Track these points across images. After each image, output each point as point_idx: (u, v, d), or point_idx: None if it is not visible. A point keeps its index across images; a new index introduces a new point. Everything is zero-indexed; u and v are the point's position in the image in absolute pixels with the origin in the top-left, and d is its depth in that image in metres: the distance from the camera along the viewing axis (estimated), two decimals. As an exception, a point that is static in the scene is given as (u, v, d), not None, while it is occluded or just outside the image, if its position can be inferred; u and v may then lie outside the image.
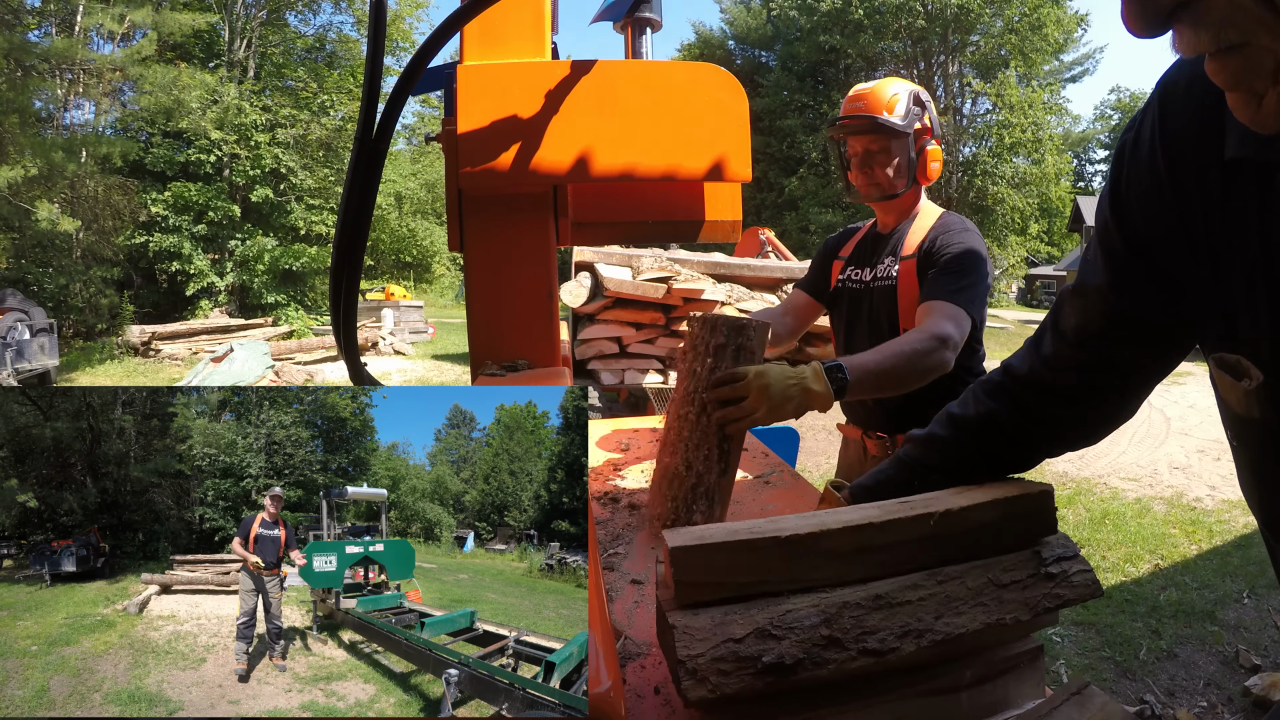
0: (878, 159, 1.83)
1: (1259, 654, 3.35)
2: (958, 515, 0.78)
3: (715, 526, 0.76)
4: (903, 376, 1.48)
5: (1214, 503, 5.84)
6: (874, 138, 1.81)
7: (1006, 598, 0.75)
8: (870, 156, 1.84)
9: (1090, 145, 44.10)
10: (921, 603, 0.72)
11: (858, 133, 1.83)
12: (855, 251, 1.98)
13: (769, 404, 1.26)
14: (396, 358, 15.42)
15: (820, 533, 0.73)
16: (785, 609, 0.69)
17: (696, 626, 0.67)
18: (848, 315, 1.94)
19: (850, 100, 1.86)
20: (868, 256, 1.93)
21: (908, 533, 0.76)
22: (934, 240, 1.74)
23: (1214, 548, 4.80)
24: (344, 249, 1.04)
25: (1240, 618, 3.74)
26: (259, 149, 19.25)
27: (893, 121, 1.78)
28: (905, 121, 1.79)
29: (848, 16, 27.78)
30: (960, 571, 0.76)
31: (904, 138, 1.81)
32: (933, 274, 1.68)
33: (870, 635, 0.68)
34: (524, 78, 1.07)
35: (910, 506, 0.79)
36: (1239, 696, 3.00)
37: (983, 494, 0.82)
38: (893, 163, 1.82)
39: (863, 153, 1.85)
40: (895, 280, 1.80)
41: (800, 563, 0.73)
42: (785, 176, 30.05)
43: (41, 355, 11.39)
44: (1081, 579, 0.79)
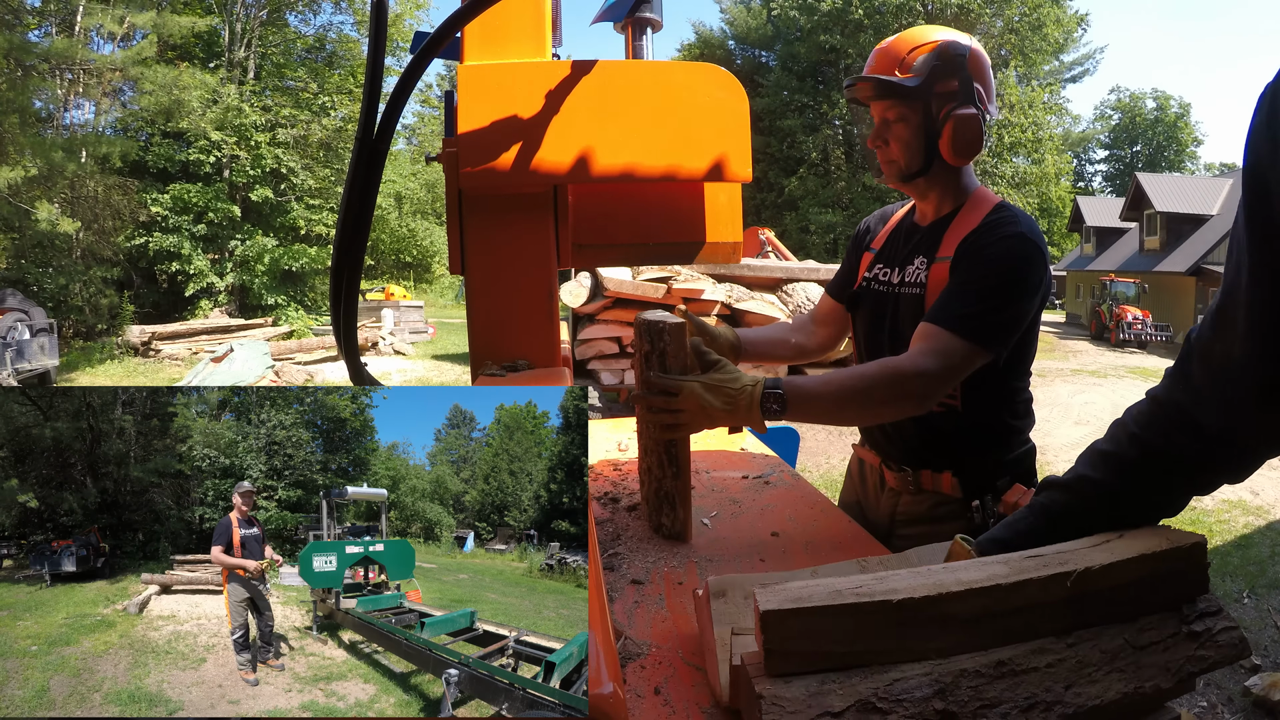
0: (893, 129, 1.46)
1: (1259, 654, 3.35)
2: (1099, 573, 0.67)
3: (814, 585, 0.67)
4: (857, 411, 1.33)
5: (1214, 503, 5.84)
6: (889, 103, 1.44)
7: (1145, 661, 0.66)
8: (885, 126, 1.47)
9: (1090, 145, 44.13)
10: (1050, 669, 0.63)
11: (867, 97, 1.47)
12: (886, 244, 1.64)
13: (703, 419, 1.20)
14: (396, 358, 15.41)
15: (939, 596, 0.64)
16: (892, 678, 0.61)
17: (789, 698, 0.59)
18: (869, 321, 1.61)
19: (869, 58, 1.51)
20: (898, 253, 1.58)
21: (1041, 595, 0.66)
22: (975, 241, 1.39)
23: (1214, 548, 4.80)
24: (344, 249, 1.04)
25: (1240, 618, 3.74)
26: (259, 149, 19.25)
27: (901, 82, 1.39)
28: (919, 81, 1.39)
29: (848, 16, 27.79)
30: (1093, 634, 0.66)
31: (918, 103, 1.41)
32: (950, 287, 1.37)
33: (991, 709, 0.59)
34: (524, 78, 1.06)
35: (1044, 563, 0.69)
36: (1239, 696, 3.00)
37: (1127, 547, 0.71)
38: (911, 135, 1.44)
39: (878, 122, 1.48)
40: (924, 288, 1.45)
41: (914, 630, 0.63)
42: (785, 176, 30.05)
43: (41, 355, 11.38)
44: (1227, 638, 0.69)
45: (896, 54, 1.44)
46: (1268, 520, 5.40)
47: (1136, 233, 24.38)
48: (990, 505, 1.43)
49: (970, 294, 1.32)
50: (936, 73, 1.39)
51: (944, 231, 1.47)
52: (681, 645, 0.98)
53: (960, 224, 1.45)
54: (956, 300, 1.33)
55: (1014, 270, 1.33)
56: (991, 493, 1.44)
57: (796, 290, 6.81)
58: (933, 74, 1.39)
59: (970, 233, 1.41)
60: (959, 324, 1.29)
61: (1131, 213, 24.32)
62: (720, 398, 1.19)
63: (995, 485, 1.45)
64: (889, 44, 1.47)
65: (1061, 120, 32.66)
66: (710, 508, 1.54)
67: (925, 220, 1.56)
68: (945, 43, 1.41)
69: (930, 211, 1.54)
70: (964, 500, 1.48)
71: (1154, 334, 19.00)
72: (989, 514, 1.42)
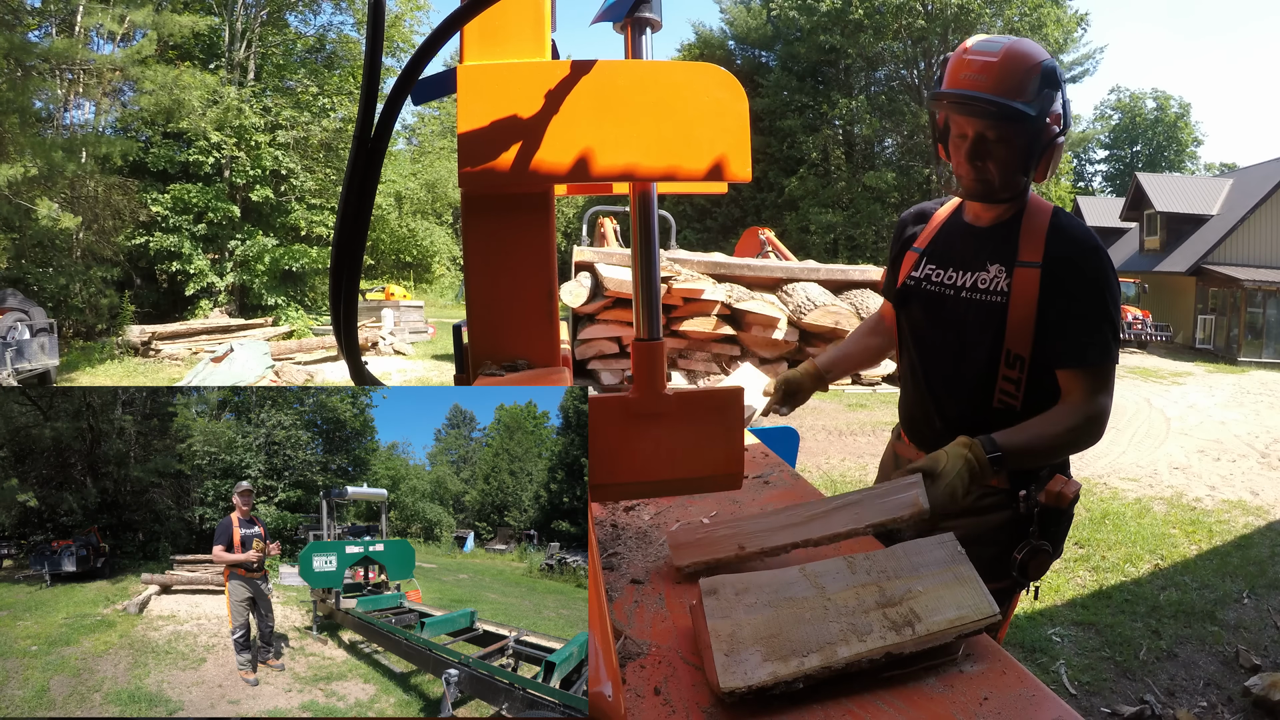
0: (994, 150, 1.43)
1: (1259, 654, 3.35)
2: None
3: None
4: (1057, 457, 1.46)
5: (1214, 503, 5.84)
6: (994, 124, 1.41)
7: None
8: (984, 146, 1.44)
9: (1090, 145, 44.12)
10: None
11: (977, 115, 1.42)
12: (936, 244, 1.63)
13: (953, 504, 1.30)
14: (396, 358, 15.41)
15: None
16: None
17: None
18: (924, 321, 1.62)
19: (968, 65, 1.42)
20: (957, 254, 1.58)
21: None
22: (1065, 255, 1.43)
23: (1214, 548, 4.80)
24: (344, 248, 1.04)
25: (1240, 618, 3.74)
26: (259, 150, 19.25)
27: (1022, 109, 1.37)
28: (1037, 107, 1.38)
29: (848, 16, 27.79)
30: None
31: (1030, 128, 1.40)
32: (1068, 318, 1.41)
33: None
34: (524, 78, 1.06)
35: None
36: (1239, 696, 3.00)
37: None
38: (1013, 157, 1.43)
39: (974, 139, 1.44)
40: (1008, 295, 1.46)
41: None
42: (785, 176, 30.05)
43: (41, 355, 11.38)
44: None
45: (1012, 75, 1.39)
46: (1268, 520, 5.40)
47: (1136, 233, 24.38)
48: (1034, 494, 1.48)
49: (1096, 321, 1.42)
50: (1047, 100, 1.39)
51: (1015, 236, 1.49)
52: (681, 645, 0.98)
53: (1030, 228, 1.48)
54: (1088, 331, 1.42)
55: (1113, 284, 1.45)
56: (1035, 483, 1.49)
57: (796, 290, 6.81)
58: (1044, 100, 1.39)
59: (1052, 236, 1.45)
60: (1104, 355, 1.42)
61: (1131, 213, 24.32)
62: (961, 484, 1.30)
63: (1039, 475, 1.49)
64: (996, 60, 1.40)
65: (1061, 120, 32.60)
66: (710, 507, 1.54)
67: (982, 222, 1.57)
68: (1049, 65, 1.41)
69: (992, 216, 1.55)
70: (1011, 491, 1.52)
71: (1154, 334, 19.02)
72: (1033, 503, 1.47)
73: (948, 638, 0.89)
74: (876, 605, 0.92)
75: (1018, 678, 0.88)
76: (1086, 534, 4.95)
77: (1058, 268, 1.43)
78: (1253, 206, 19.85)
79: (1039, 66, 1.39)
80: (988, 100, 1.38)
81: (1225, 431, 8.76)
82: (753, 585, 0.96)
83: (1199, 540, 4.93)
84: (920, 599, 0.93)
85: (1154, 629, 3.58)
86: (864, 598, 0.94)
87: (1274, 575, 4.31)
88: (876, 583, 0.96)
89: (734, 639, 0.87)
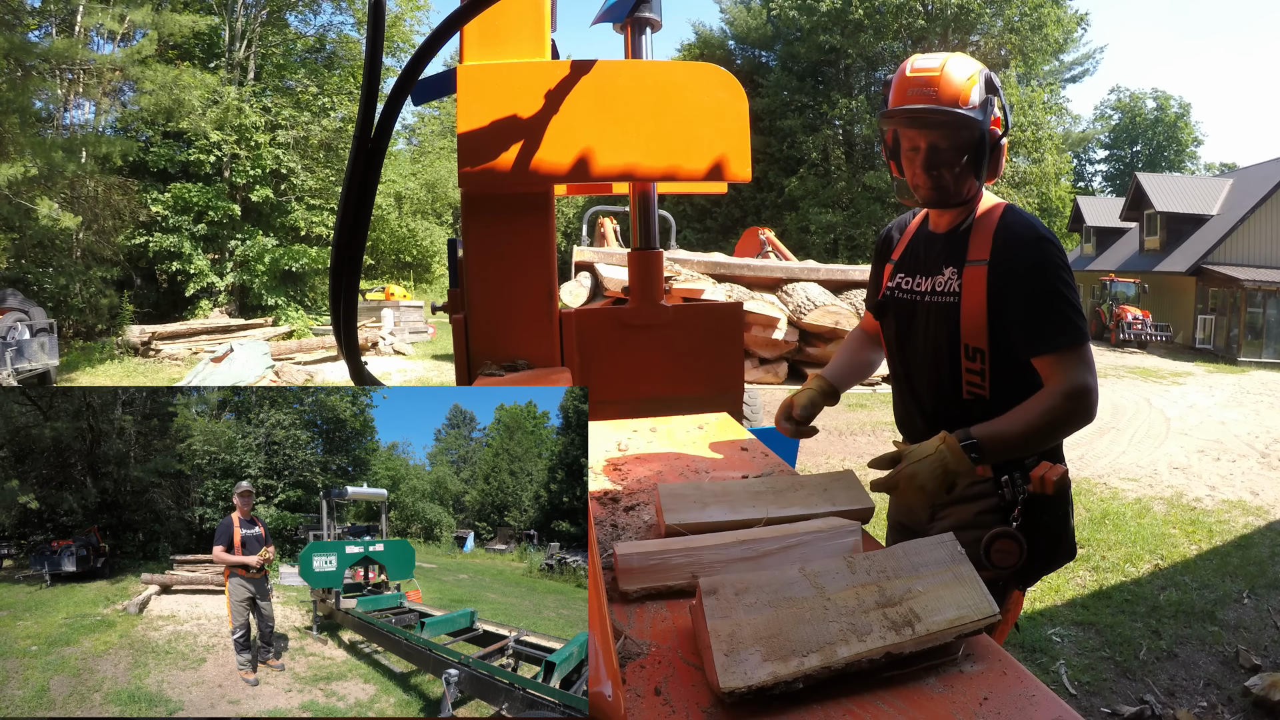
0: (944, 157, 1.52)
1: (1259, 654, 3.35)
2: None
3: None
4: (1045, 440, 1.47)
5: (1214, 503, 5.84)
6: (944, 133, 1.51)
7: None
8: (936, 155, 1.52)
9: (1090, 145, 44.12)
10: None
11: (927, 126, 1.51)
12: (906, 254, 1.74)
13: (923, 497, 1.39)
14: (396, 358, 15.42)
15: None
16: None
17: None
18: (897, 328, 1.73)
19: (912, 82, 1.52)
20: (921, 261, 1.68)
21: None
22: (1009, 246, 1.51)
23: (1214, 548, 4.80)
24: (343, 248, 1.04)
25: (1240, 618, 3.74)
26: (259, 150, 19.25)
27: (969, 115, 1.47)
28: (982, 114, 1.49)
29: (848, 16, 27.79)
30: None
31: (977, 133, 1.50)
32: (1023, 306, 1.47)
33: None
34: (524, 78, 1.06)
35: None
36: (1239, 696, 3.00)
37: None
38: (962, 162, 1.52)
39: (926, 149, 1.53)
40: (959, 294, 1.55)
41: None
42: (785, 176, 30.05)
43: (41, 355, 11.38)
44: None
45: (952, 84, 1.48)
46: (1268, 520, 5.39)
47: (1136, 233, 24.37)
48: (1019, 482, 1.53)
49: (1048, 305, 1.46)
50: (988, 105, 1.50)
51: (967, 238, 1.58)
52: (681, 645, 0.98)
53: (980, 229, 1.56)
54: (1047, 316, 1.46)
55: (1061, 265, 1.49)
56: (1019, 470, 1.53)
57: (796, 290, 6.81)
58: (985, 105, 1.49)
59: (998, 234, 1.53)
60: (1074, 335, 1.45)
61: (1131, 213, 24.31)
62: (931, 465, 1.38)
63: (1023, 463, 1.54)
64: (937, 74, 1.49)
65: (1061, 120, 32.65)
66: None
67: (942, 228, 1.65)
68: (986, 73, 1.52)
69: (947, 221, 1.64)
70: (995, 479, 1.57)
71: (1154, 334, 19.00)
72: (1018, 490, 1.53)
73: (948, 638, 0.89)
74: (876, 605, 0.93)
75: (1017, 678, 0.88)
76: (1087, 534, 4.95)
77: (1003, 259, 1.50)
78: (1253, 206, 19.84)
79: (977, 75, 1.50)
80: (937, 111, 1.47)
81: (1225, 431, 8.76)
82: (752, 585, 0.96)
83: (1199, 540, 4.93)
84: (920, 599, 0.93)
85: (1154, 629, 3.58)
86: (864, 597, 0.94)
87: (1274, 575, 4.31)
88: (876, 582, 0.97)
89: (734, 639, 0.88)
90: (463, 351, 1.15)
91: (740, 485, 1.38)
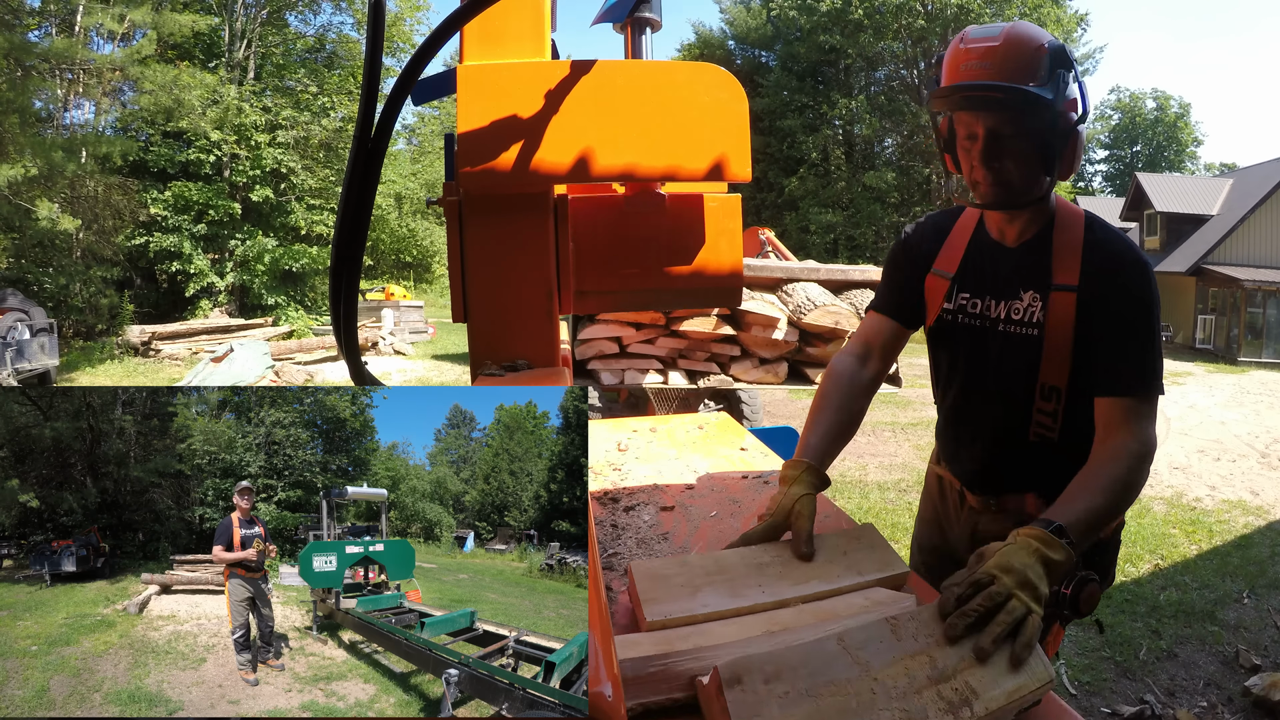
0: (1010, 146, 1.24)
1: (1259, 654, 3.35)
2: None
3: None
4: (1123, 508, 1.25)
5: (1214, 503, 5.84)
6: (1008, 116, 1.22)
7: None
8: (998, 143, 1.24)
9: (1090, 145, 44.11)
10: None
11: (987, 107, 1.23)
12: (967, 268, 1.43)
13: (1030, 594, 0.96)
14: (396, 358, 15.41)
15: None
16: None
17: None
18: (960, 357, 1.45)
19: (968, 55, 1.23)
20: (989, 280, 1.39)
21: None
22: (1104, 272, 1.26)
23: (1214, 548, 4.80)
24: (343, 249, 1.04)
25: (1240, 618, 3.74)
26: (259, 149, 19.26)
27: (1038, 93, 1.18)
28: (1053, 92, 1.20)
29: (848, 16, 27.79)
30: None
31: (1046, 115, 1.21)
32: (1111, 342, 1.25)
33: None
34: (524, 78, 1.06)
35: None
36: (1239, 696, 3.00)
37: None
38: (1032, 152, 1.24)
39: (986, 136, 1.24)
40: (1042, 328, 1.31)
41: None
42: (785, 176, 30.06)
43: (41, 355, 11.38)
44: None
45: (1019, 58, 1.20)
46: (1268, 520, 5.39)
47: (1136, 233, 24.36)
48: None
49: (1139, 345, 1.24)
50: (1061, 82, 1.21)
51: (1048, 255, 1.32)
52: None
53: (1064, 245, 1.30)
54: (1135, 357, 1.25)
55: (1157, 301, 1.27)
56: None
57: (796, 290, 6.80)
58: (1057, 82, 1.21)
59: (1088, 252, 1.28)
60: (1154, 383, 1.25)
61: (1131, 213, 24.31)
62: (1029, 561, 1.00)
63: None
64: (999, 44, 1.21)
65: (1061, 120, 32.62)
66: (710, 507, 1.54)
67: (1010, 239, 1.38)
68: (1056, 44, 1.23)
69: (1016, 230, 1.37)
70: None
71: (1154, 334, 19.00)
72: None
73: (1008, 715, 0.81)
74: (929, 681, 0.82)
75: None
76: (1086, 534, 4.95)
77: (1096, 287, 1.26)
78: (1253, 206, 19.85)
79: (1046, 46, 1.21)
80: (997, 87, 1.19)
81: (1225, 431, 8.76)
82: (784, 668, 0.80)
83: (1199, 540, 4.93)
84: (975, 670, 0.84)
85: (1154, 629, 3.58)
86: (914, 673, 0.82)
87: (1274, 575, 4.31)
88: (926, 651, 0.85)
89: None
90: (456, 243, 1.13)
91: (738, 558, 1.15)
